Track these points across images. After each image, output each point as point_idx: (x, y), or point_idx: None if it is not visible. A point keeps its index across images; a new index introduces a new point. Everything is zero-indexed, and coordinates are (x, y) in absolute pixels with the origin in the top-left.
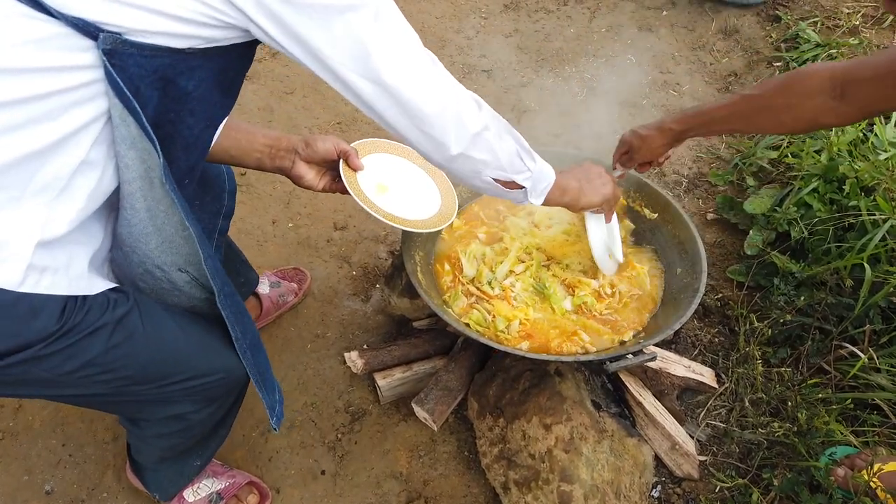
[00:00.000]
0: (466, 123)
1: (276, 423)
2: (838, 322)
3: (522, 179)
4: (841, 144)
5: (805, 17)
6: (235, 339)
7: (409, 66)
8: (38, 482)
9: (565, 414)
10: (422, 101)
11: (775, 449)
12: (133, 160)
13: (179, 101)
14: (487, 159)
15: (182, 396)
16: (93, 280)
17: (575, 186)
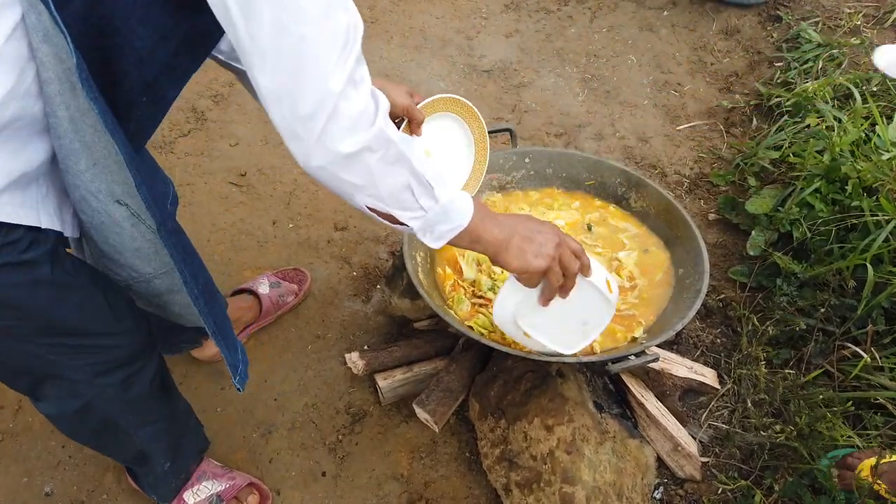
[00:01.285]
0: (340, 136)
1: (239, 383)
2: (841, 323)
3: (408, 218)
4: (843, 144)
5: (806, 17)
6: (184, 281)
7: (298, 38)
8: (38, 484)
9: (567, 415)
10: (296, 88)
11: (778, 451)
12: (48, 56)
13: (125, 7)
14: (362, 184)
15: (66, 360)
16: (3, 207)
17: (497, 239)
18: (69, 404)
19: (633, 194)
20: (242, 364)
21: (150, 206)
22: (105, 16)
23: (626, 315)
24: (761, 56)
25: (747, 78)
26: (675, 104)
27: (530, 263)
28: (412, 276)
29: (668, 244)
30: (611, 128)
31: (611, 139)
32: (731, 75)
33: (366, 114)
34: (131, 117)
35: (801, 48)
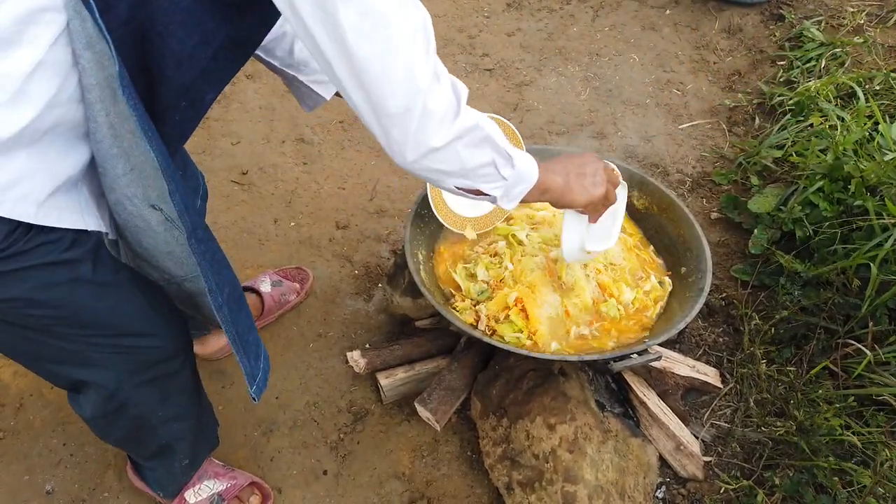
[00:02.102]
0: (436, 129)
1: (254, 393)
2: (844, 322)
3: (491, 189)
4: (846, 143)
5: (809, 15)
6: (209, 290)
7: (384, 41)
8: (39, 482)
9: (569, 414)
10: (387, 90)
11: (780, 448)
12: (90, 62)
13: (167, 11)
14: (452, 170)
15: (102, 356)
16: (50, 212)
17: (559, 184)
18: (107, 404)
19: (635, 193)
20: (263, 373)
21: (182, 214)
22: (147, 19)
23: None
24: (764, 55)
25: (750, 77)
26: (678, 103)
27: (594, 195)
28: (414, 275)
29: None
30: (613, 126)
31: (613, 138)
32: (733, 74)
33: (451, 105)
34: (169, 120)
35: (804, 47)
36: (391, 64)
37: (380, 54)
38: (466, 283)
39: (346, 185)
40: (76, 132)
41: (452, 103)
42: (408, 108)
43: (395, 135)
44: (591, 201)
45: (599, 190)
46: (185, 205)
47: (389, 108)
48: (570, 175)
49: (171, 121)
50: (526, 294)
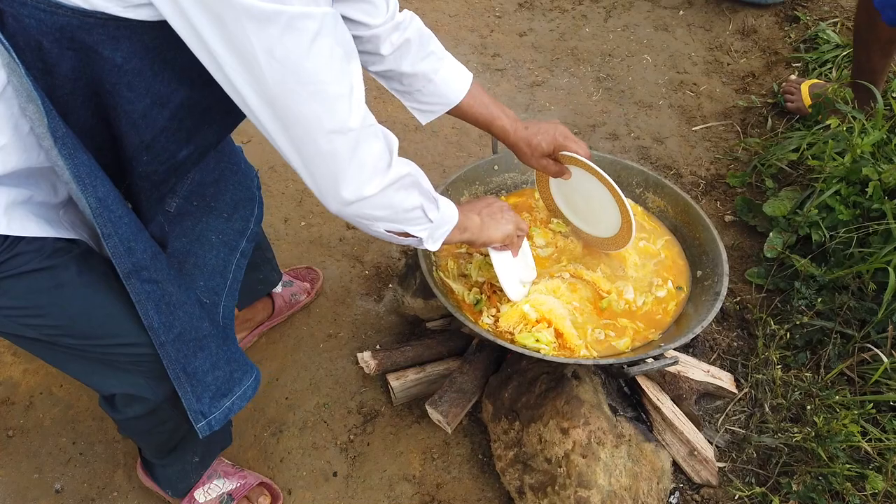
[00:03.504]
0: (368, 179)
1: (199, 429)
2: (860, 326)
3: (418, 231)
4: (864, 146)
5: (824, 17)
6: (149, 326)
7: (309, 92)
8: (49, 480)
9: (583, 418)
10: (315, 139)
11: (795, 455)
12: (34, 114)
13: (112, 72)
14: (383, 215)
15: (128, 364)
16: (15, 221)
17: (475, 223)
18: (146, 409)
19: (650, 195)
20: (223, 412)
21: (117, 256)
22: (94, 79)
23: (653, 317)
24: (778, 56)
25: (764, 78)
26: (691, 104)
27: (507, 229)
28: (426, 276)
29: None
30: (625, 128)
31: (626, 139)
32: (747, 76)
33: (384, 154)
34: (135, 170)
35: (820, 49)
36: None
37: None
38: (459, 285)
39: None
40: (44, 172)
41: (385, 152)
42: (338, 155)
43: (327, 184)
44: (506, 234)
45: (511, 226)
46: (126, 247)
47: (316, 150)
48: (483, 214)
49: (136, 172)
50: (547, 311)
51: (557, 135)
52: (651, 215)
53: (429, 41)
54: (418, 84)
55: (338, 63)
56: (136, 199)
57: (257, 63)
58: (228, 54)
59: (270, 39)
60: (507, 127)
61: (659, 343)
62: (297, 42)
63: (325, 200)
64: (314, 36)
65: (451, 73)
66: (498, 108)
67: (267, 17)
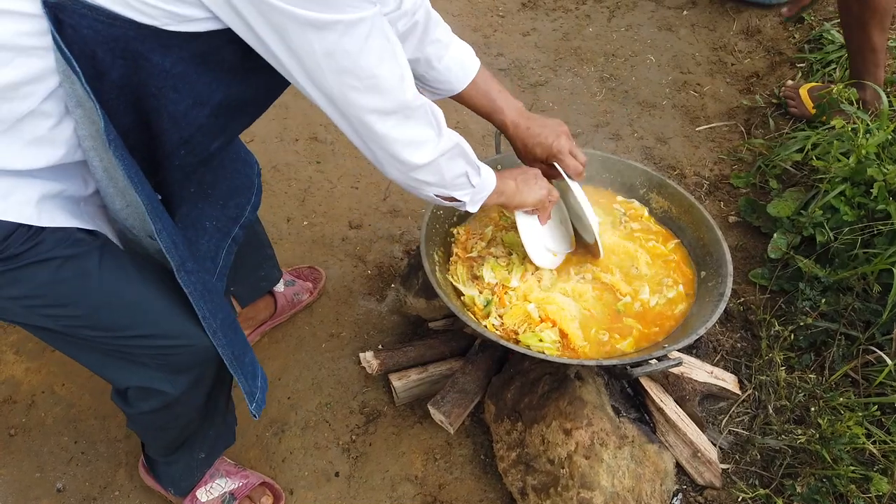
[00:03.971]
0: (420, 152)
1: (254, 410)
2: (865, 328)
3: (462, 195)
4: (869, 147)
5: (829, 17)
6: (202, 317)
7: (366, 85)
8: (50, 479)
9: (586, 419)
10: (373, 124)
11: (799, 457)
12: (81, 118)
13: (159, 76)
14: (434, 181)
15: (145, 357)
16: (46, 213)
17: (511, 187)
18: (162, 403)
19: (653, 195)
20: (261, 391)
21: (170, 250)
22: (141, 84)
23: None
24: (783, 57)
25: (768, 79)
26: (695, 105)
27: (540, 194)
28: (429, 275)
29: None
30: (629, 128)
31: (629, 139)
32: (751, 76)
33: (435, 126)
34: (171, 166)
35: (824, 49)
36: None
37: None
38: (469, 289)
39: (360, 185)
40: (76, 167)
41: (434, 125)
42: (396, 131)
43: (384, 156)
44: (539, 199)
45: (544, 192)
46: (173, 242)
47: (378, 133)
48: (518, 180)
49: (171, 166)
50: (553, 311)
51: (554, 146)
52: (656, 220)
53: (435, 27)
54: (421, 69)
55: (388, 56)
56: (169, 191)
57: (318, 66)
58: (291, 60)
59: (329, 45)
60: (508, 122)
61: (663, 344)
62: (353, 44)
63: (384, 170)
64: (367, 36)
65: (456, 61)
66: (503, 100)
67: (327, 25)
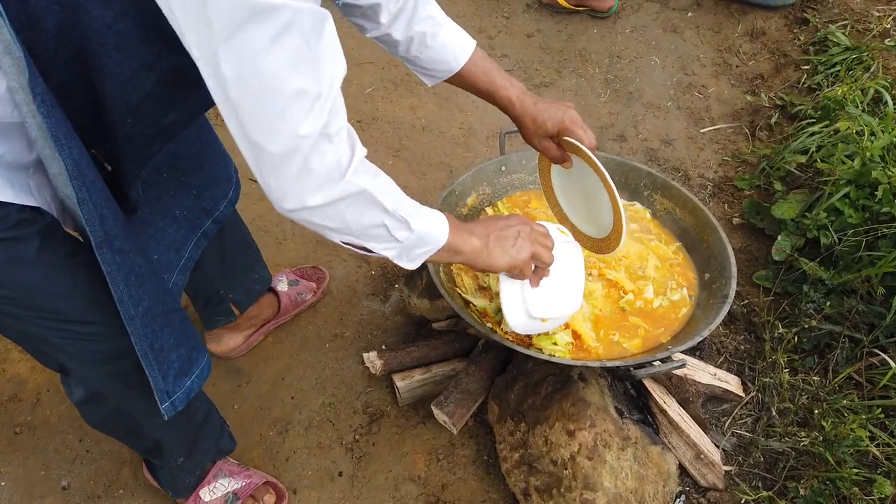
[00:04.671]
0: (312, 189)
1: (165, 410)
2: (869, 331)
3: (382, 249)
4: (874, 150)
5: (834, 19)
6: (118, 300)
7: (263, 87)
8: (55, 477)
9: (589, 420)
10: (262, 136)
11: (802, 459)
12: (10, 67)
13: (100, 31)
14: (335, 227)
15: (64, 342)
16: None
17: (475, 246)
18: (79, 391)
19: (658, 196)
20: (182, 391)
21: (92, 223)
22: (81, 37)
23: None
24: (788, 59)
25: (773, 81)
26: (699, 106)
27: (516, 256)
28: (433, 276)
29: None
30: (633, 129)
31: (633, 141)
32: (756, 78)
33: (338, 166)
34: (119, 134)
35: (829, 51)
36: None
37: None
38: (478, 299)
39: None
40: (18, 130)
41: (342, 163)
42: (285, 160)
43: (273, 183)
44: (513, 265)
45: (523, 253)
46: (99, 214)
47: (268, 159)
48: (490, 237)
49: (120, 134)
50: None
51: (566, 118)
52: (659, 222)
53: (426, 5)
54: (415, 49)
55: (305, 66)
56: (119, 161)
57: (215, 48)
58: (192, 34)
59: (233, 25)
60: (513, 98)
61: (667, 346)
62: (260, 32)
63: (270, 198)
64: (280, 30)
65: (451, 39)
66: (504, 79)
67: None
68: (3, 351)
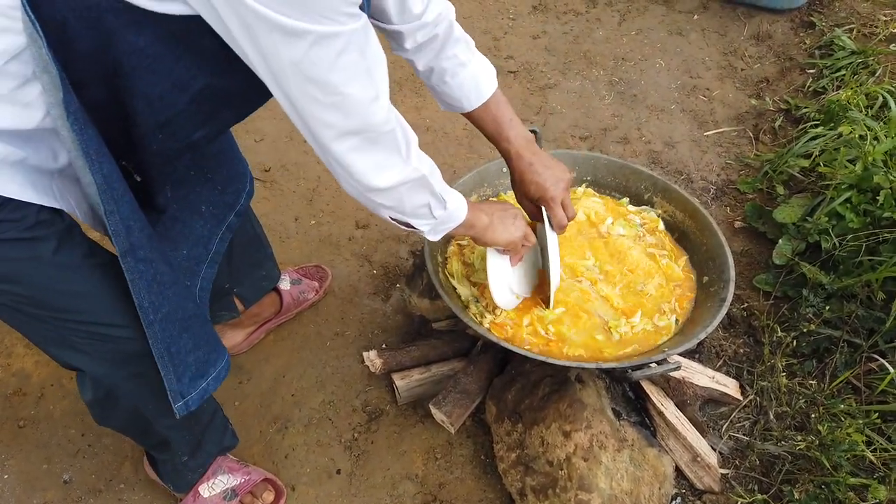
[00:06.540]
0: (379, 176)
1: (178, 410)
2: (868, 336)
3: (421, 224)
4: (876, 154)
5: (840, 23)
6: (139, 305)
7: (331, 101)
8: (57, 471)
9: (585, 421)
10: (329, 141)
11: (799, 463)
12: (48, 85)
13: (133, 55)
14: (391, 205)
15: (83, 342)
16: (7, 185)
17: (484, 222)
18: (97, 391)
19: (658, 199)
20: (197, 392)
21: (118, 235)
22: (114, 60)
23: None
24: (793, 62)
25: (778, 84)
26: (704, 109)
27: (514, 235)
28: (432, 277)
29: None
30: (637, 132)
31: (637, 143)
32: (761, 81)
33: (399, 154)
34: (147, 148)
35: (835, 55)
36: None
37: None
38: (465, 288)
39: None
40: (44, 135)
41: (401, 152)
42: (350, 153)
43: (340, 172)
44: (511, 240)
45: (519, 233)
46: (125, 226)
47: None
48: (494, 216)
49: (149, 149)
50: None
51: (550, 191)
52: (668, 234)
53: (455, 44)
54: (433, 81)
55: (362, 75)
56: (148, 173)
57: (283, 72)
58: (257, 58)
59: (297, 54)
60: (512, 152)
61: (663, 348)
62: (322, 57)
63: (340, 183)
64: (340, 52)
65: (470, 80)
66: (512, 129)
67: (295, 34)
68: (9, 346)
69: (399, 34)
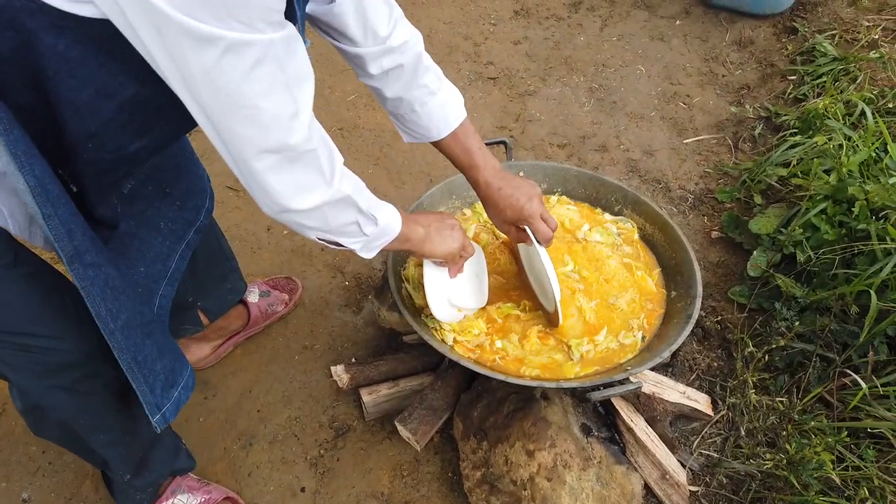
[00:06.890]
0: (299, 198)
1: (156, 423)
2: (842, 350)
3: (351, 243)
4: (851, 165)
5: (823, 29)
6: (96, 314)
7: (244, 115)
8: (16, 489)
9: (549, 440)
10: (249, 158)
11: (769, 482)
12: None
13: (53, 58)
14: (314, 226)
15: (6, 354)
16: None
17: (420, 234)
18: (20, 402)
19: (628, 212)
20: (172, 403)
21: (61, 239)
22: (35, 63)
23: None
24: (774, 69)
25: (759, 91)
26: (683, 117)
27: (452, 246)
28: (394, 293)
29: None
30: (616, 140)
31: (615, 151)
32: (742, 88)
33: (321, 175)
34: (79, 158)
35: (816, 62)
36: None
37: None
38: (418, 295)
39: None
40: None
41: (324, 173)
42: (268, 171)
43: (258, 193)
44: (449, 252)
45: (456, 243)
46: (67, 230)
47: (253, 165)
48: (431, 227)
49: (80, 158)
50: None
51: (526, 209)
52: (645, 247)
53: (424, 73)
54: (402, 109)
55: (280, 89)
56: (83, 183)
57: (194, 80)
58: (167, 64)
59: (208, 61)
60: (481, 181)
61: (626, 366)
62: (235, 66)
63: (258, 204)
64: (254, 63)
65: (439, 110)
66: (480, 157)
67: (206, 39)
68: None
69: (362, 58)
